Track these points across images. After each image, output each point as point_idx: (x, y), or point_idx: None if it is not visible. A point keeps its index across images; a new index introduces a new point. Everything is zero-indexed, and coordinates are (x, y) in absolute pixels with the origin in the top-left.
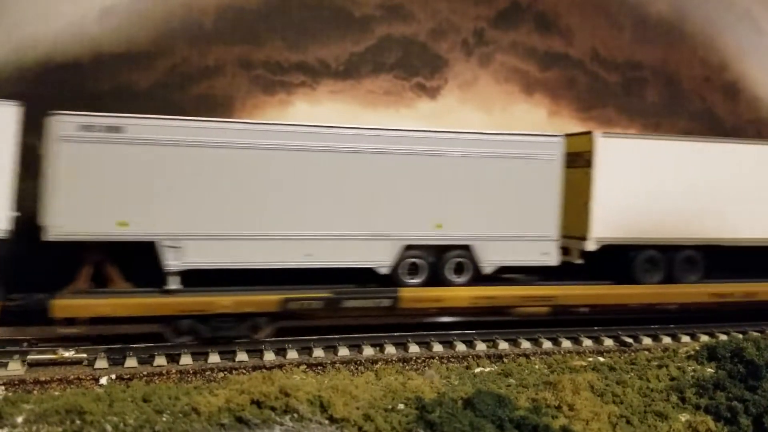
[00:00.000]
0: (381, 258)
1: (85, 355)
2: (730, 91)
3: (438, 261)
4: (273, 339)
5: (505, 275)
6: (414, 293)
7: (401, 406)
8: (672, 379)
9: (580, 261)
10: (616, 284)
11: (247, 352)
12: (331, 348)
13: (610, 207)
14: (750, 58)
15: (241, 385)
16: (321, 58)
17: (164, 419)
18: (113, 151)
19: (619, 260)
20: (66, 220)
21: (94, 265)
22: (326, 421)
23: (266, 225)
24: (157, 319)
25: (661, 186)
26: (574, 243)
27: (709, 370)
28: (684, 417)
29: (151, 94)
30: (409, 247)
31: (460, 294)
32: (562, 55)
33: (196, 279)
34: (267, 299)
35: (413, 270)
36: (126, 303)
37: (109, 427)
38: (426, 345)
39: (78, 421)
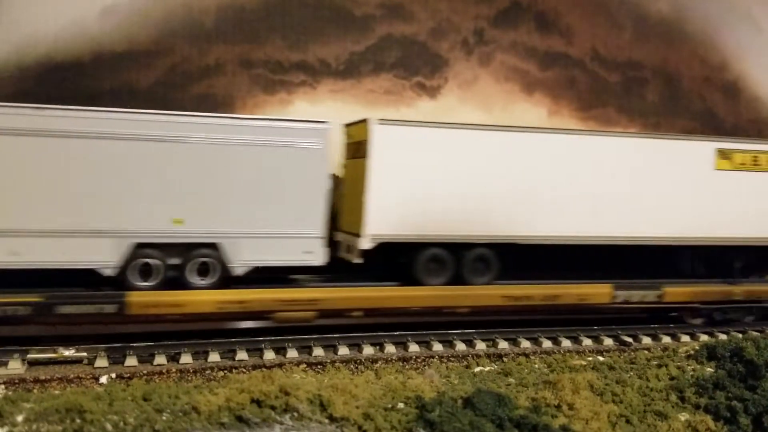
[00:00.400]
0: (105, 258)
1: (85, 354)
2: (730, 91)
3: (180, 262)
4: (273, 338)
5: (293, 276)
6: (146, 298)
7: (401, 405)
8: (672, 378)
9: (359, 260)
10: (395, 286)
11: (247, 351)
12: (331, 347)
13: (387, 201)
14: (750, 57)
15: (241, 384)
16: (321, 57)
17: (164, 418)
18: None
19: (402, 260)
20: None
21: None
22: (326, 420)
23: None
24: None
25: (447, 178)
26: (352, 240)
27: (708, 369)
28: (683, 416)
29: (151, 93)
30: (140, 246)
31: (203, 298)
32: (562, 54)
33: None
34: None
35: (146, 272)
36: None
37: (109, 426)
38: (426, 344)
39: (78, 420)
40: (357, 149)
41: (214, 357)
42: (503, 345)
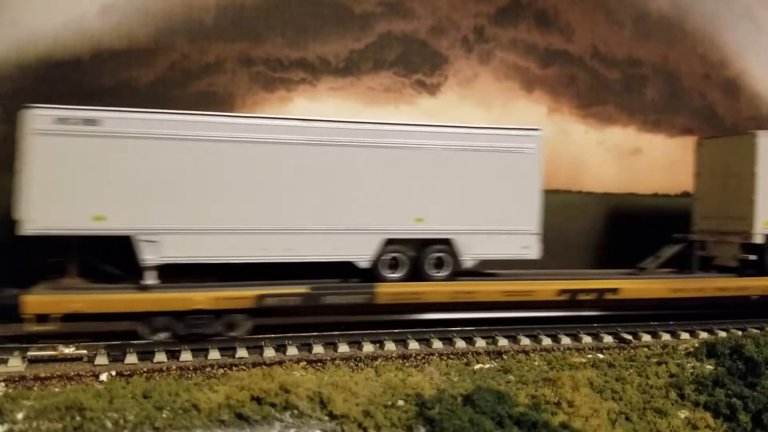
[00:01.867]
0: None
1: (85, 352)
2: (729, 88)
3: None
4: (273, 336)
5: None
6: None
7: (401, 403)
8: (671, 375)
9: None
10: None
11: (247, 348)
12: (331, 344)
13: None
14: (750, 55)
15: (241, 381)
16: (321, 55)
17: (164, 415)
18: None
19: None
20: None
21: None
22: (326, 418)
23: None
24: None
25: None
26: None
27: (708, 367)
28: (683, 414)
29: (151, 90)
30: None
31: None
32: (562, 52)
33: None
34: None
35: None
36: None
37: (109, 424)
38: (426, 342)
39: (78, 418)
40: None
41: (214, 354)
42: (503, 342)
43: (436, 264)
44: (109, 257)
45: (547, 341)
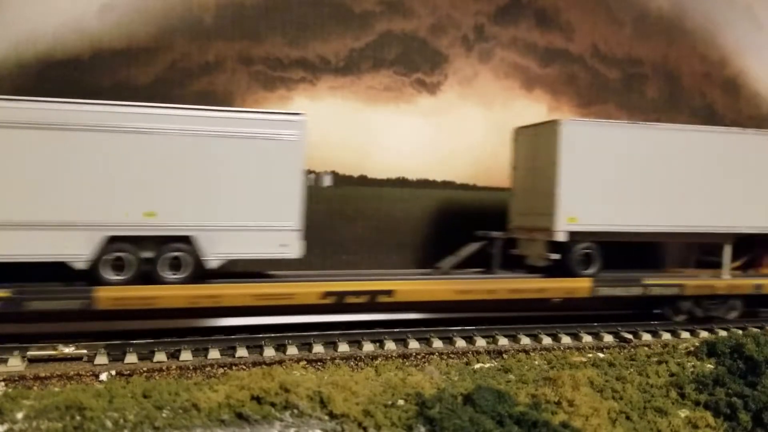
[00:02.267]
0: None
1: (85, 351)
2: (730, 87)
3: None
4: (273, 335)
5: None
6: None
7: (401, 402)
8: (671, 374)
9: None
10: None
11: (247, 348)
12: (331, 344)
13: None
14: (750, 53)
15: (241, 380)
16: (321, 54)
17: (164, 415)
18: None
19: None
20: None
21: None
22: (326, 417)
23: None
24: None
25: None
26: None
27: (708, 366)
28: (683, 413)
29: (151, 89)
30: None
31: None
32: (563, 51)
33: None
34: None
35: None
36: None
37: (109, 423)
38: (426, 341)
39: (78, 417)
40: None
41: (214, 354)
42: (503, 342)
43: (172, 265)
44: None
45: (547, 340)
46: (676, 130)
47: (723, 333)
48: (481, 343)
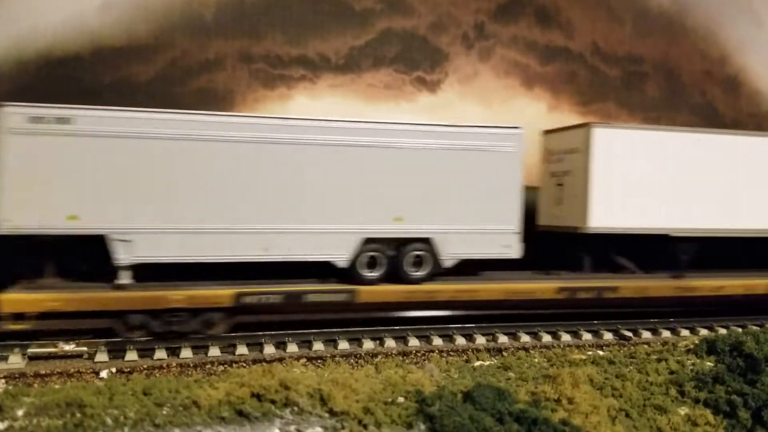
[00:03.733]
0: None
1: (85, 349)
2: (730, 85)
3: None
4: (273, 333)
5: None
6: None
7: (401, 400)
8: (671, 372)
9: None
10: None
11: (247, 345)
12: (331, 341)
13: None
14: (751, 51)
15: (241, 378)
16: (321, 51)
17: (164, 412)
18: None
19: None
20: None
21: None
22: (326, 414)
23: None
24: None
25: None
26: None
27: (708, 363)
28: (683, 410)
29: (151, 87)
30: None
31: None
32: (563, 48)
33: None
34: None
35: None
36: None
37: (109, 421)
38: (426, 338)
39: (78, 415)
40: None
41: (214, 351)
42: (503, 339)
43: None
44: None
45: (547, 338)
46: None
47: (723, 331)
48: (480, 340)
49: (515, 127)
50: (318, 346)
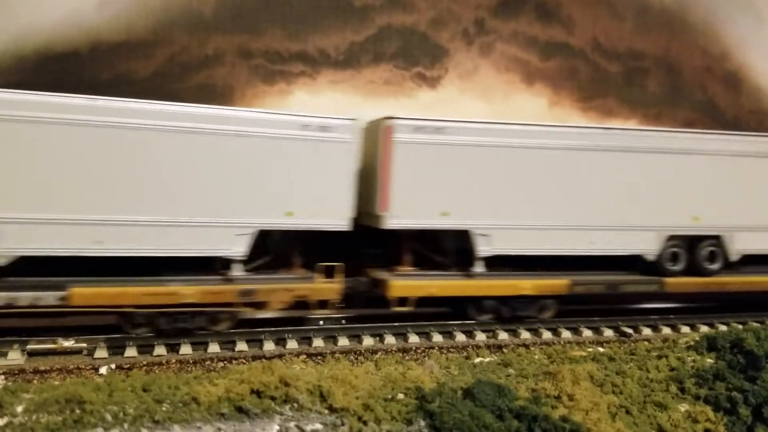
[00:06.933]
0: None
1: (84, 345)
2: (731, 82)
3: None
4: (272, 329)
5: None
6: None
7: (401, 396)
8: (671, 369)
9: None
10: None
11: (247, 342)
12: (331, 338)
13: None
14: (752, 48)
15: (241, 374)
16: (321, 47)
17: (164, 409)
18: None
19: None
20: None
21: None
22: (326, 411)
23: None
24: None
25: None
26: None
27: (708, 360)
28: (683, 407)
29: (150, 83)
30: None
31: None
32: (563, 44)
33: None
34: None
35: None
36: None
37: (108, 417)
38: (426, 335)
39: (78, 411)
40: None
41: (213, 348)
42: (503, 336)
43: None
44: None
45: (547, 335)
46: None
47: (723, 328)
48: (481, 337)
49: None
50: (318, 342)
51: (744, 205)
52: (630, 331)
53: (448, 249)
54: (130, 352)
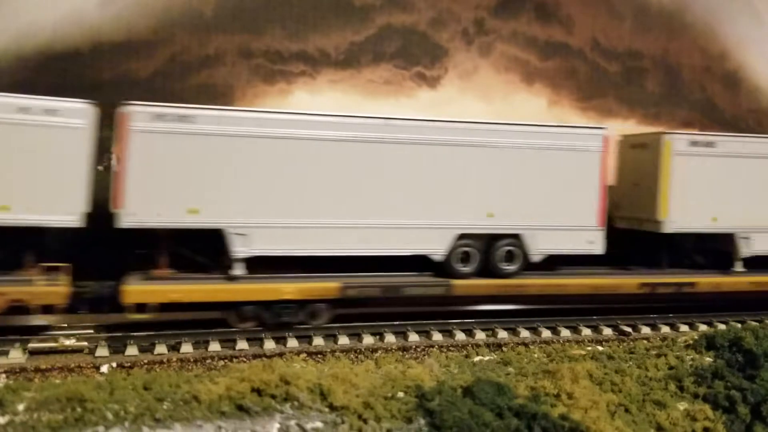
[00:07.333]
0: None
1: (86, 344)
2: (730, 81)
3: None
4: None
5: None
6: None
7: (401, 394)
8: (670, 368)
9: None
10: None
11: (248, 340)
12: (331, 337)
13: None
14: (750, 47)
15: (242, 373)
16: (321, 47)
17: (165, 407)
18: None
19: None
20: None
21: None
22: (326, 409)
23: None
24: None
25: None
26: None
27: (707, 359)
28: (682, 405)
29: (150, 83)
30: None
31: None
32: (563, 44)
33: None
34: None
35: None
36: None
37: (109, 415)
38: (425, 334)
39: (79, 409)
40: None
41: (214, 346)
42: (503, 335)
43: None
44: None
45: (546, 333)
46: None
47: (722, 326)
48: (480, 335)
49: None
50: (318, 341)
51: (547, 203)
52: (629, 329)
53: (207, 250)
54: (131, 350)
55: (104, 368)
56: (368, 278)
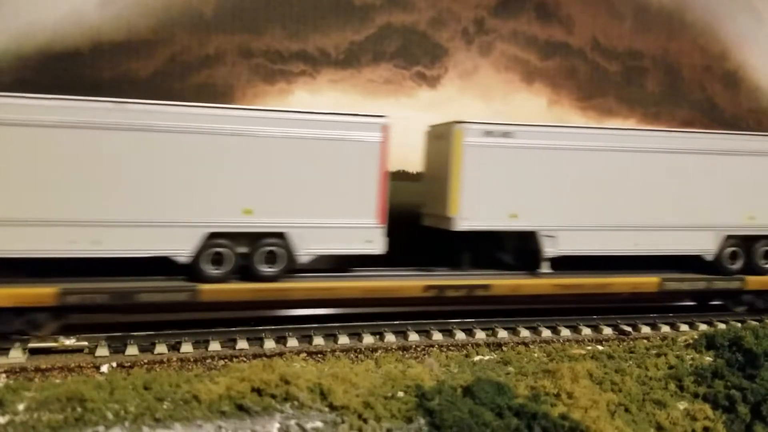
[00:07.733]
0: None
1: (86, 343)
2: (730, 81)
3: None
4: (273, 327)
5: None
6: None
7: (401, 394)
8: (670, 367)
9: None
10: None
11: (248, 340)
12: (331, 336)
13: None
14: (751, 47)
15: (242, 372)
16: (321, 46)
17: (165, 407)
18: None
19: None
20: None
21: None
22: (326, 409)
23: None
24: None
25: None
26: None
27: (707, 358)
28: (682, 405)
29: (150, 83)
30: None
31: None
32: (563, 44)
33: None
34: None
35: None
36: None
37: (110, 415)
38: (425, 333)
39: (79, 409)
40: None
41: (214, 346)
42: (503, 334)
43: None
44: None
45: (546, 333)
46: None
47: (722, 326)
48: (480, 335)
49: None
50: (318, 340)
51: (318, 199)
52: (629, 329)
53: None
54: (131, 350)
55: (104, 368)
56: (94, 283)
